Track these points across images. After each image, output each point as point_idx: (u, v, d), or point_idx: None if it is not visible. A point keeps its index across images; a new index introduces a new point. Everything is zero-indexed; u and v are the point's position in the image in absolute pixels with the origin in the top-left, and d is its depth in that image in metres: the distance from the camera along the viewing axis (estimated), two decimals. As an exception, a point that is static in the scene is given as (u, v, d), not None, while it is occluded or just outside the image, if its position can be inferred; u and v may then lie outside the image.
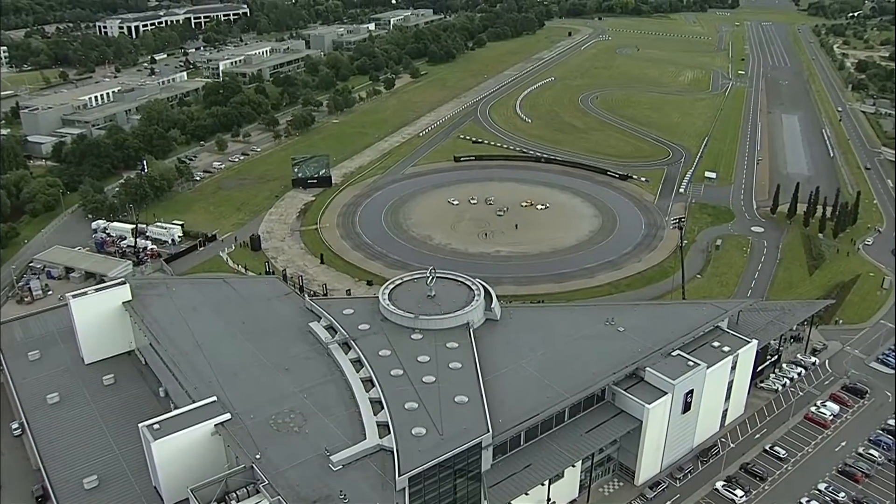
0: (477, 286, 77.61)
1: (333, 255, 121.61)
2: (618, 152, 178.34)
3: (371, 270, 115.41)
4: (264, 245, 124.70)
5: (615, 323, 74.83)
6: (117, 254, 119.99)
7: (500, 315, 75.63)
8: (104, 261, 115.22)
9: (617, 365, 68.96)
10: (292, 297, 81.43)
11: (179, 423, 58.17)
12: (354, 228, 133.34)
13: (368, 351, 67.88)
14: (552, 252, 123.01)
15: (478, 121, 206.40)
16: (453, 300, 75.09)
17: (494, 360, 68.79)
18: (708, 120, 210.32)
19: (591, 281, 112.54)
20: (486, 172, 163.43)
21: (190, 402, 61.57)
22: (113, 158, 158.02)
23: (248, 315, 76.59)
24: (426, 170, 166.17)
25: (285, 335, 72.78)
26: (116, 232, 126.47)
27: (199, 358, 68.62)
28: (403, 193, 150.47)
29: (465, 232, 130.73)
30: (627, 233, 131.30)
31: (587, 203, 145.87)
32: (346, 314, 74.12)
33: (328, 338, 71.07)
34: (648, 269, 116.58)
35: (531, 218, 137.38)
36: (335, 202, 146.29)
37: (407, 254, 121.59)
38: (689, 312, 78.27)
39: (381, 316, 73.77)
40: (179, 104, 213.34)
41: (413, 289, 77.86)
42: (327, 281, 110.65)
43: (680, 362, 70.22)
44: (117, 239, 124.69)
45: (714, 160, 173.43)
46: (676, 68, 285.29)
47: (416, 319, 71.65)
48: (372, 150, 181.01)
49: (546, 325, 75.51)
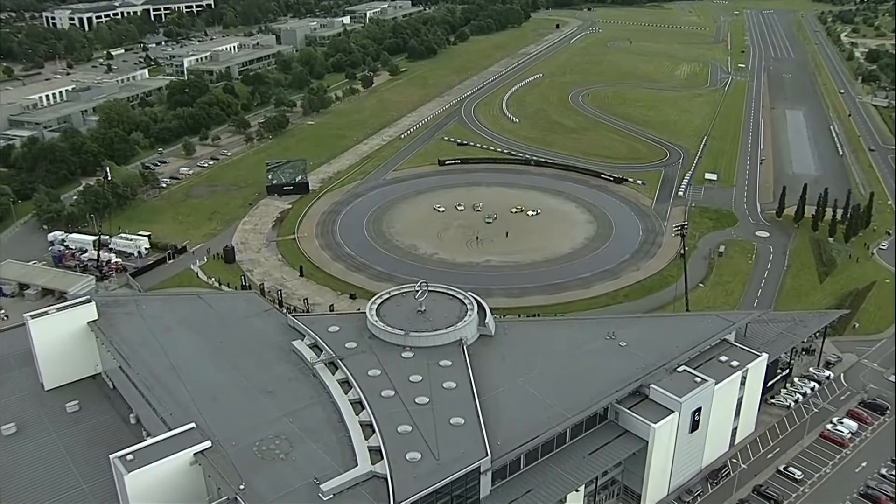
0: (470, 300, 78.14)
1: (313, 266, 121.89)
2: (612, 153, 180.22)
3: (354, 283, 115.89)
4: (239, 257, 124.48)
5: (616, 337, 75.61)
6: (78, 268, 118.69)
7: (494, 330, 76.11)
8: (64, 276, 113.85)
9: (620, 382, 69.57)
10: (273, 314, 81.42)
11: (155, 453, 57.50)
12: (335, 238, 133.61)
13: (357, 371, 68.11)
14: (545, 261, 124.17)
15: (462, 121, 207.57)
16: (445, 315, 75.38)
17: (490, 378, 69.16)
18: (707, 117, 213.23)
19: (588, 291, 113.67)
20: (473, 176, 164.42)
21: (165, 430, 61.16)
22: (70, 164, 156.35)
23: (227, 333, 76.46)
24: (409, 174, 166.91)
25: (267, 355, 72.75)
26: (76, 244, 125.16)
27: (174, 381, 68.32)
28: (386, 200, 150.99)
29: (452, 240, 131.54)
30: (624, 239, 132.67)
31: (581, 208, 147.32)
32: (331, 331, 74.29)
33: (313, 357, 71.20)
34: (648, 278, 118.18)
35: (522, 225, 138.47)
36: (313, 210, 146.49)
37: (391, 265, 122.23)
38: (695, 325, 79.36)
39: (369, 333, 74.09)
40: (141, 104, 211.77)
41: (402, 303, 78.16)
42: (308, 295, 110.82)
43: (686, 378, 70.96)
44: (77, 252, 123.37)
45: (714, 161, 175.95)
46: (672, 62, 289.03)
47: (407, 336, 71.99)
48: (351, 153, 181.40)
49: (543, 340, 76.05)
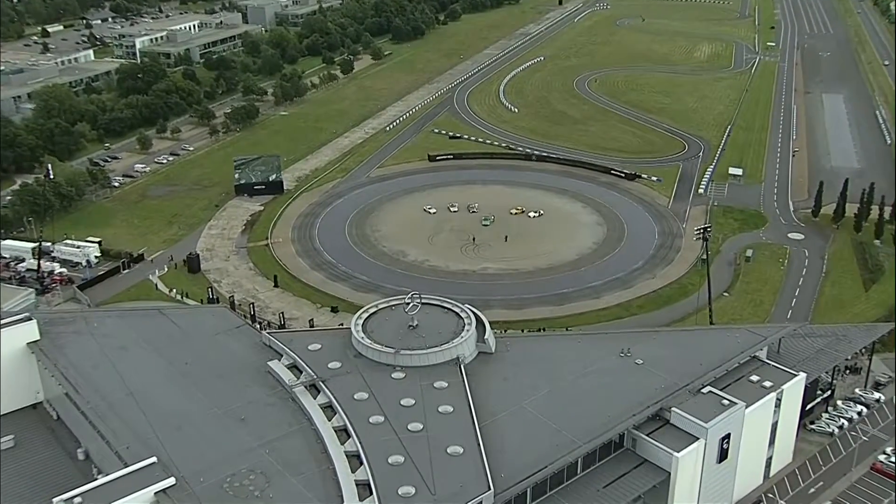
0: (467, 313, 78.85)
1: (289, 276, 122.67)
2: (623, 147, 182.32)
3: (335, 294, 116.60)
4: (204, 266, 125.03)
5: (631, 354, 76.23)
6: (14, 280, 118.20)
7: (494, 347, 76.65)
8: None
9: (637, 405, 70.00)
10: (245, 331, 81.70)
11: (109, 494, 56.60)
12: (313, 244, 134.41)
13: (341, 394, 68.48)
14: (549, 268, 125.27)
15: (455, 111, 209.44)
16: (439, 331, 75.82)
17: (491, 401, 69.61)
18: (731, 104, 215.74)
19: (597, 302, 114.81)
20: (468, 174, 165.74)
21: (121, 466, 60.66)
22: (1, 159, 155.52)
23: (192, 353, 76.71)
24: (396, 171, 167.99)
25: (239, 377, 72.94)
26: (11, 252, 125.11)
27: (131, 409, 68.24)
28: (370, 200, 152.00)
29: (444, 246, 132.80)
30: (638, 243, 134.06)
31: (589, 209, 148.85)
32: (312, 350, 74.61)
33: (292, 379, 71.47)
34: (665, 287, 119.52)
35: (523, 227, 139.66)
36: (288, 212, 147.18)
37: (377, 273, 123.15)
38: (721, 340, 79.97)
39: (355, 351, 74.55)
40: (87, 91, 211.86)
41: (391, 318, 78.63)
42: (284, 308, 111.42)
43: (713, 401, 71.35)
44: (13, 261, 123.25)
45: (739, 153, 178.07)
46: (690, 42, 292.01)
47: (397, 355, 72.50)
48: (330, 148, 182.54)
49: (550, 358, 76.67)
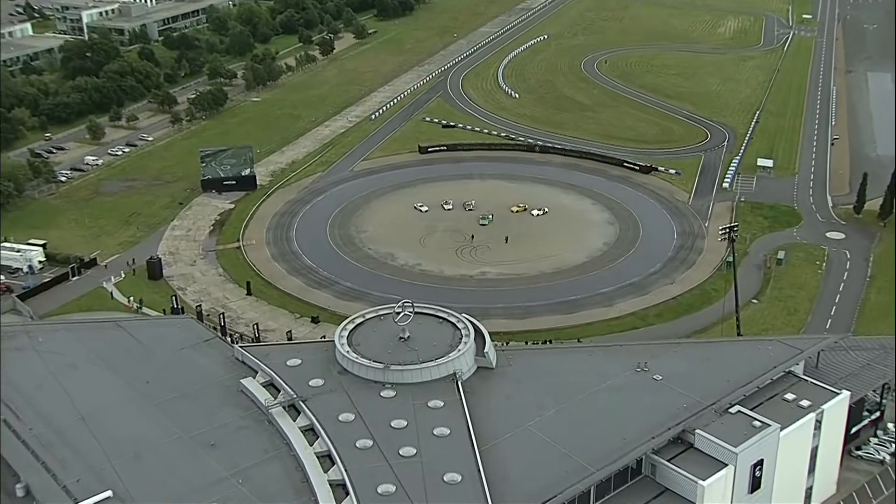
0: (465, 323, 79.01)
1: (264, 282, 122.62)
2: (638, 136, 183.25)
3: (316, 303, 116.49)
4: (167, 271, 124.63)
5: (649, 369, 76.25)
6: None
7: (495, 361, 76.59)
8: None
9: (656, 426, 69.71)
10: (214, 345, 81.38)
11: None
12: (290, 246, 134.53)
13: (324, 415, 68.23)
14: (555, 273, 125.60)
15: (448, 97, 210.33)
16: (433, 343, 75.74)
17: (493, 422, 69.57)
18: (759, 87, 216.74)
19: (610, 311, 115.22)
20: (463, 167, 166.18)
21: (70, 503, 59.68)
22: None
23: (154, 371, 76.26)
24: (382, 165, 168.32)
25: (208, 397, 72.62)
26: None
27: (82, 436, 67.37)
28: (354, 197, 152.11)
29: (438, 248, 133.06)
30: (655, 244, 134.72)
31: (599, 206, 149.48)
32: (291, 366, 74.34)
33: (268, 399, 71.15)
34: (685, 294, 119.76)
35: (525, 227, 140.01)
36: (263, 211, 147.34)
37: (363, 279, 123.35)
38: (750, 353, 79.90)
39: (339, 367, 74.43)
40: (24, 71, 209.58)
41: (379, 329, 78.54)
42: (258, 319, 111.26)
43: (742, 422, 70.75)
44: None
45: (770, 142, 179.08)
46: (714, 16, 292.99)
47: (387, 371, 72.40)
48: (308, 138, 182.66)
49: (557, 373, 76.69)
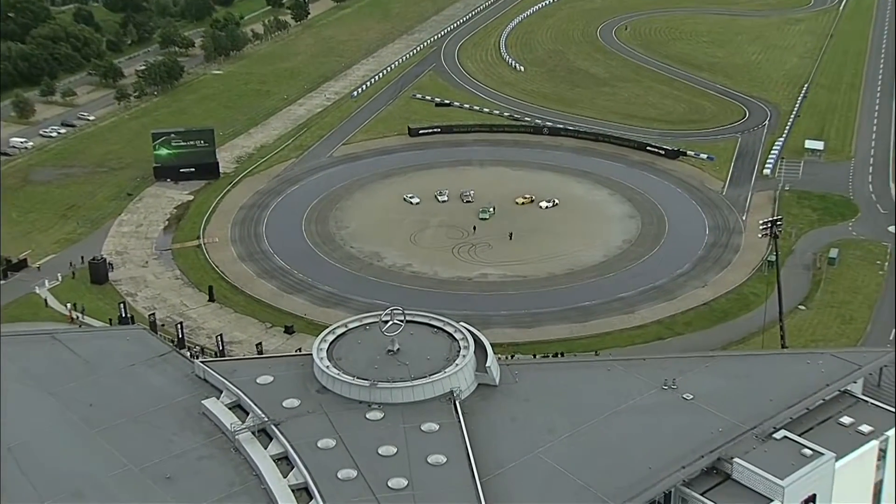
0: (463, 334, 78.65)
1: (229, 287, 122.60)
2: (663, 115, 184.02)
3: (291, 310, 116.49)
4: (114, 274, 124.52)
5: (678, 387, 75.79)
6: None
7: (499, 378, 76.27)
8: None
9: (687, 454, 68.95)
10: (171, 360, 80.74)
11: None
12: (260, 244, 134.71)
13: (301, 441, 67.68)
14: (567, 274, 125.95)
15: (442, 70, 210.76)
16: (427, 357, 75.56)
17: (496, 448, 69.25)
18: (808, 55, 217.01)
19: (631, 319, 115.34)
20: (460, 152, 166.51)
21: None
22: None
23: (99, 393, 75.22)
24: (366, 149, 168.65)
25: (163, 422, 71.69)
26: None
27: (10, 472, 65.94)
28: (334, 188, 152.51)
29: (432, 246, 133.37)
30: (683, 241, 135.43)
31: (618, 196, 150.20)
32: (261, 384, 73.98)
33: (235, 423, 70.38)
34: (720, 298, 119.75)
35: (532, 222, 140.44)
36: (227, 203, 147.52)
37: (345, 282, 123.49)
38: (797, 369, 79.16)
39: (318, 385, 74.01)
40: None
41: (365, 340, 78.16)
42: (223, 329, 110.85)
43: (790, 450, 69.95)
44: None
45: (820, 121, 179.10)
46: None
47: (373, 389, 71.95)
48: (280, 119, 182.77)
49: (571, 391, 76.31)
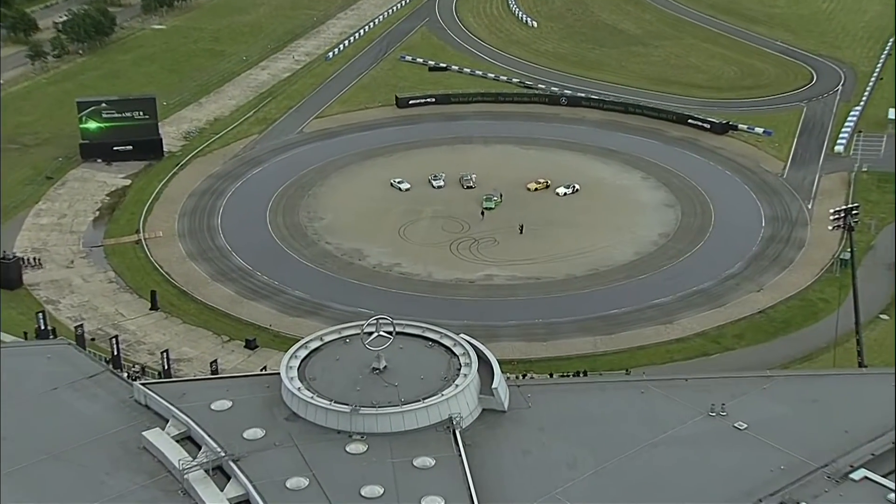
0: (464, 348, 78.93)
1: (176, 292, 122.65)
2: (709, 80, 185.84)
3: (252, 320, 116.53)
4: (30, 277, 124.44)
5: (728, 414, 76.01)
6: None
7: (507, 401, 76.57)
8: None
9: (740, 497, 69.18)
10: (104, 382, 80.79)
11: None
12: (214, 240, 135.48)
13: (266, 481, 67.80)
14: (590, 276, 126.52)
15: (436, 26, 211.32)
16: (421, 376, 75.93)
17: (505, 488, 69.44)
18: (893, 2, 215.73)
19: (669, 330, 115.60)
20: (459, 127, 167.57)
21: None
22: None
23: (12, 423, 74.73)
24: (345, 124, 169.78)
25: (94, 459, 71.61)
26: None
27: None
28: (305, 170, 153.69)
29: (425, 241, 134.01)
30: (733, 235, 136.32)
31: (652, 180, 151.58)
32: (217, 410, 74.36)
33: (184, 459, 70.19)
34: (779, 305, 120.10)
35: (548, 212, 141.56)
36: (173, 189, 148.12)
37: (320, 286, 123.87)
38: (878, 393, 79.28)
39: (287, 411, 74.28)
40: None
41: (344, 356, 78.45)
42: (168, 344, 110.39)
43: (871, 494, 69.97)
44: None
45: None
46: None
47: (355, 415, 72.12)
48: (238, 86, 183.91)
49: (595, 419, 76.62)
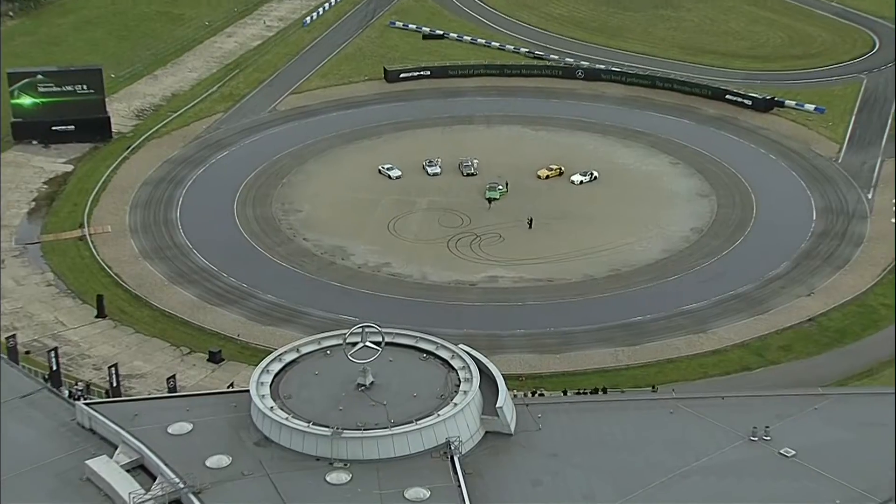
0: (464, 361, 79.50)
1: (127, 296, 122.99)
2: (751, 48, 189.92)
3: (217, 329, 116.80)
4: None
5: (772, 438, 76.68)
6: None
7: (514, 424, 77.32)
8: None
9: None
10: (41, 403, 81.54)
11: None
12: (173, 235, 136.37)
13: (232, 517, 68.71)
14: (611, 277, 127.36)
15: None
16: (413, 393, 76.62)
17: (513, 524, 70.26)
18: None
19: (703, 341, 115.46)
20: (459, 105, 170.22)
21: None
22: None
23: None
24: (325, 101, 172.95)
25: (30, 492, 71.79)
26: None
27: None
28: (279, 155, 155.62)
29: (418, 237, 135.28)
30: (778, 230, 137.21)
31: (683, 166, 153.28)
32: (175, 434, 74.86)
33: (136, 492, 70.60)
34: (833, 312, 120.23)
35: (562, 203, 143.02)
36: (123, 176, 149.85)
37: (296, 288, 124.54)
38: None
39: (258, 435, 74.79)
40: None
41: (325, 370, 79.14)
42: (118, 357, 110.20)
43: None
44: None
45: None
46: None
47: (337, 440, 72.60)
48: (199, 55, 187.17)
49: (617, 444, 77.23)
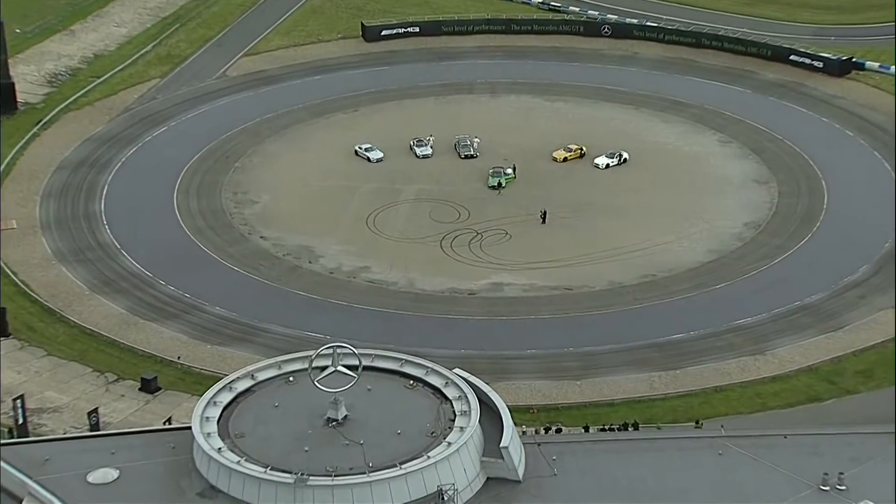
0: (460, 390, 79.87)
1: (38, 309, 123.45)
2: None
3: (152, 350, 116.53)
4: None
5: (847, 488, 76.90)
6: None
7: (522, 467, 77.75)
8: None
9: None
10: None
11: None
12: (96, 233, 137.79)
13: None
14: (644, 285, 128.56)
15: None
16: (397, 430, 76.78)
17: None
18: None
19: (761, 364, 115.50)
20: (455, 70, 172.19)
21: None
22: None
23: None
24: (288, 65, 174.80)
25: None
26: None
27: None
28: (231, 132, 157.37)
29: (404, 234, 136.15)
30: (855, 226, 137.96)
31: (735, 145, 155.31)
32: (95, 483, 75.07)
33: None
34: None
35: (583, 192, 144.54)
36: (33, 159, 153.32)
37: (251, 299, 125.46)
38: None
39: (202, 483, 74.86)
40: None
41: (287, 401, 79.55)
42: (25, 386, 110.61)
43: None
44: None
45: None
46: None
47: (302, 487, 72.33)
48: (127, 6, 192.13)
49: (649, 492, 77.45)
